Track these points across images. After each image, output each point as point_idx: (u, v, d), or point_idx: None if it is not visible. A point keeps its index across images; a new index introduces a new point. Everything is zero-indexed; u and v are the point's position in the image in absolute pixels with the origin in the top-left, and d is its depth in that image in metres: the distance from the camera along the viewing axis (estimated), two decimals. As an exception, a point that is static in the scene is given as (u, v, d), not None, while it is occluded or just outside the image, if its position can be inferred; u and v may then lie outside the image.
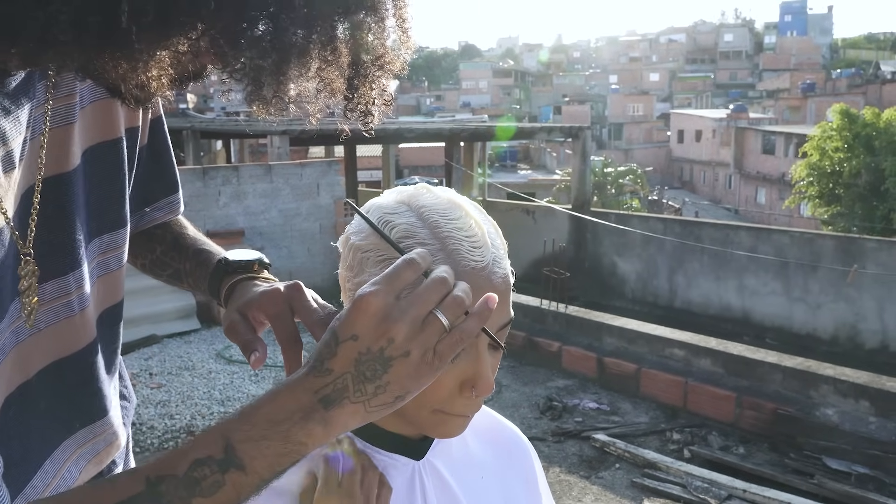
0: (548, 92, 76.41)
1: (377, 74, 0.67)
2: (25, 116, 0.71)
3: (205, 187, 8.18)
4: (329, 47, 0.60)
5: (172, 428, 5.08)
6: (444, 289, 0.65)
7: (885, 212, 16.72)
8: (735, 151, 36.88)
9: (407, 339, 0.61)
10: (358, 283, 0.79)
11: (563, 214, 13.43)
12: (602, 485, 4.31)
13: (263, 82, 0.59)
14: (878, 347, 10.52)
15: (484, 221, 0.79)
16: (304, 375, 0.62)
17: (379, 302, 0.62)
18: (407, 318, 0.62)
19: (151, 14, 0.50)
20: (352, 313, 0.62)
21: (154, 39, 0.53)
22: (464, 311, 0.65)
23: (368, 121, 0.70)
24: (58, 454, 0.83)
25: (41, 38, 0.50)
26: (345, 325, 0.62)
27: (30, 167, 0.75)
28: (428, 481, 0.85)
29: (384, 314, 0.61)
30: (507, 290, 0.77)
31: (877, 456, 4.29)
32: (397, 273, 0.64)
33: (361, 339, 0.61)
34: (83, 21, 0.49)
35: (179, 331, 7.38)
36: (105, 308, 0.90)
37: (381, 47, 0.65)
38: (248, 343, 0.89)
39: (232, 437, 0.61)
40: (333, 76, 0.63)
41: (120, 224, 0.91)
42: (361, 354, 0.61)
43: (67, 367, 0.83)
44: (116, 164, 0.89)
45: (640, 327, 5.86)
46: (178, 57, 0.57)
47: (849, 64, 75.85)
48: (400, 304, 0.62)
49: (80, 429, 0.87)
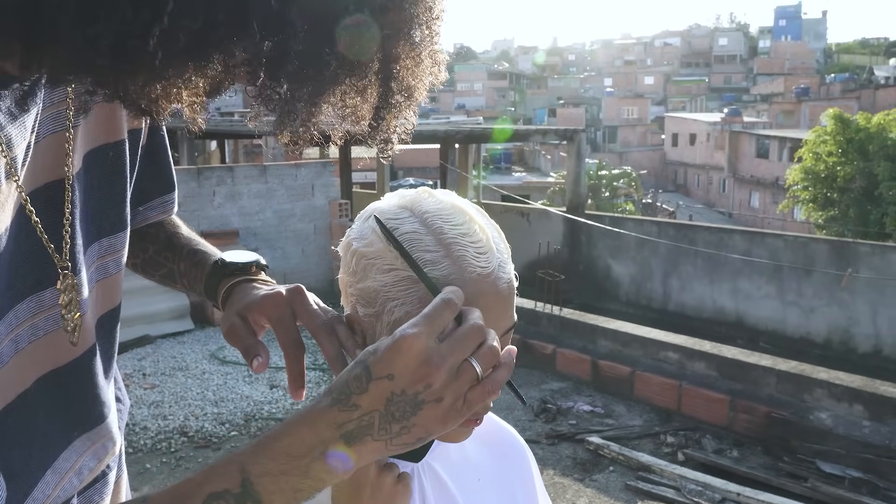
0: (542, 94, 76.48)
1: (404, 105, 0.66)
2: (31, 121, 0.70)
3: (199, 187, 8.16)
4: (361, 79, 0.60)
5: (166, 429, 5.06)
6: (481, 337, 0.64)
7: (878, 216, 16.77)
8: (729, 155, 36.97)
9: (443, 386, 0.61)
10: (361, 288, 0.78)
11: (557, 217, 13.44)
12: (596, 487, 4.31)
13: (297, 113, 0.59)
14: (871, 352, 10.54)
15: (488, 226, 0.78)
16: (328, 408, 0.61)
17: (421, 345, 0.61)
18: (447, 365, 0.61)
19: (184, 41, 0.49)
20: (391, 352, 0.61)
21: (189, 65, 0.52)
22: (496, 361, 0.65)
23: (387, 149, 0.70)
24: (59, 464, 0.81)
25: (76, 59, 0.49)
26: (381, 363, 0.61)
27: (34, 172, 0.73)
28: (426, 483, 0.85)
29: (425, 358, 0.61)
30: (512, 295, 0.77)
31: (870, 460, 4.30)
32: (437, 314, 0.64)
33: (397, 380, 0.60)
34: (122, 46, 0.48)
35: (173, 331, 7.36)
36: (103, 313, 0.88)
37: (413, 78, 0.64)
38: (250, 347, 0.88)
39: (250, 470, 0.60)
40: (361, 105, 0.63)
41: (120, 227, 0.89)
42: (395, 395, 0.60)
43: (66, 374, 0.81)
44: (118, 166, 0.87)
45: (634, 330, 5.87)
46: (211, 81, 0.56)
47: (843, 69, 76.07)
48: (440, 350, 0.62)
49: (80, 436, 0.85)
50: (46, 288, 0.76)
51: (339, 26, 0.55)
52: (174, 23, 0.48)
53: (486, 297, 0.73)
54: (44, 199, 0.75)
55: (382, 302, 0.76)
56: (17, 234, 0.72)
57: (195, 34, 0.50)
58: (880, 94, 40.89)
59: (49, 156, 0.75)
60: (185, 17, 0.48)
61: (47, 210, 0.76)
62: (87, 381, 0.85)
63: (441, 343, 0.62)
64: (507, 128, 16.66)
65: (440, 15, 0.62)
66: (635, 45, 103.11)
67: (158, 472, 4.47)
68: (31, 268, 0.74)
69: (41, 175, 0.74)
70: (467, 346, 0.63)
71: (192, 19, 0.49)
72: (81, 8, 0.46)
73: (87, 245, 0.83)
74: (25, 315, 0.74)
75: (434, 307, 0.64)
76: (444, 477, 0.87)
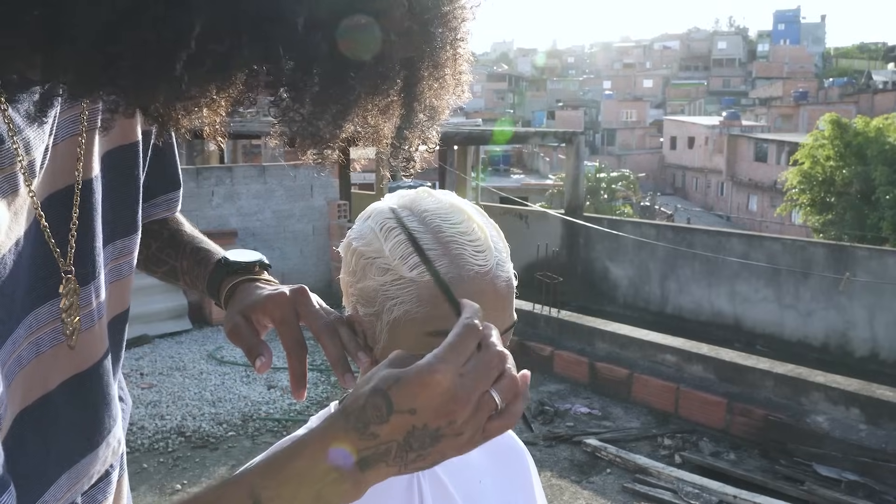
0: (541, 97, 76.53)
1: (427, 125, 0.66)
2: (49, 124, 0.70)
3: (198, 187, 8.16)
4: (385, 99, 0.59)
5: (163, 428, 5.06)
6: (503, 365, 0.62)
7: (875, 220, 16.77)
8: (727, 158, 37.01)
9: (465, 422, 0.60)
10: (361, 288, 0.78)
11: (555, 219, 13.44)
12: (593, 489, 4.31)
13: (320, 135, 0.58)
14: (868, 355, 10.55)
15: (486, 225, 0.79)
16: (345, 433, 0.60)
17: (447, 382, 0.59)
18: (471, 401, 0.60)
19: (209, 63, 0.49)
20: (417, 388, 0.59)
21: (212, 86, 0.52)
22: (518, 392, 0.63)
23: (410, 167, 0.70)
24: (77, 468, 0.81)
25: (96, 77, 0.49)
26: (404, 396, 0.59)
27: (52, 175, 0.73)
28: (426, 484, 0.85)
29: (452, 395, 0.59)
30: (510, 294, 0.77)
31: (867, 463, 4.31)
32: (462, 344, 0.61)
33: (419, 415, 0.59)
34: (142, 66, 0.48)
35: (171, 331, 7.36)
36: (115, 315, 0.88)
37: (436, 98, 0.64)
38: (253, 347, 0.88)
39: (261, 494, 0.59)
40: (384, 124, 0.62)
41: (133, 229, 0.90)
42: (416, 429, 0.59)
43: (87, 378, 0.81)
44: (132, 167, 0.88)
45: (632, 333, 5.87)
46: (233, 101, 0.56)
47: (841, 73, 76.19)
48: (465, 384, 0.60)
49: (101, 442, 0.85)
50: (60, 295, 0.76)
51: (364, 51, 0.54)
52: (200, 46, 0.47)
53: (485, 296, 0.74)
54: (63, 202, 0.75)
55: (382, 301, 0.77)
56: (36, 238, 0.71)
57: (220, 56, 0.49)
58: (878, 98, 40.95)
59: (68, 158, 0.75)
60: (210, 40, 0.48)
61: (65, 213, 0.76)
62: (104, 384, 0.85)
63: (465, 377, 0.60)
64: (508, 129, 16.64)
65: (465, 36, 0.62)
66: (634, 48, 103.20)
67: (156, 472, 4.47)
68: (51, 272, 0.74)
69: (60, 178, 0.75)
70: (491, 377, 0.61)
71: (218, 42, 0.48)
72: (103, 27, 0.46)
73: (103, 247, 0.83)
74: (47, 318, 0.74)
75: (458, 336, 0.62)
76: (444, 478, 0.87)
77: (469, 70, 0.66)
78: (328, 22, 0.52)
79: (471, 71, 0.67)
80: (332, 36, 0.52)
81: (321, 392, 5.78)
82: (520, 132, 17.99)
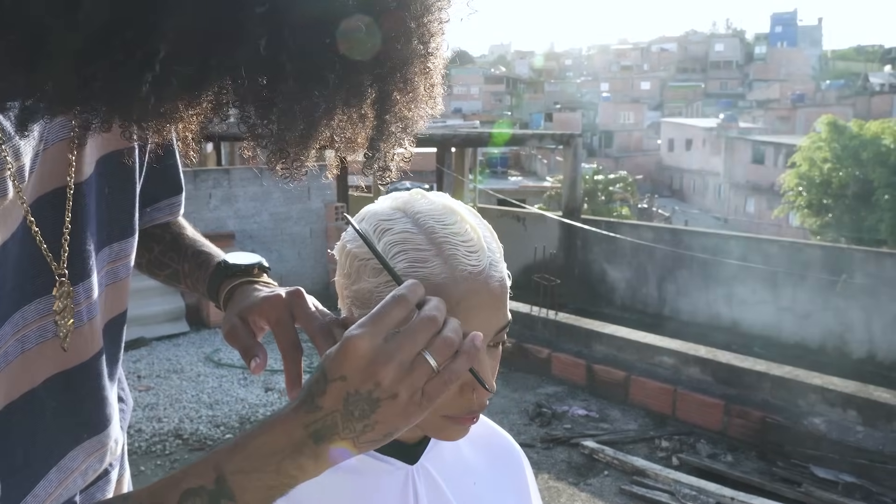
0: (539, 99, 76.56)
1: (400, 136, 0.67)
2: (39, 129, 0.71)
3: (195, 189, 8.15)
4: (357, 112, 0.60)
5: (160, 431, 5.05)
6: (433, 328, 0.63)
7: (873, 222, 16.82)
8: (725, 160, 37.04)
9: (394, 382, 0.61)
10: (356, 290, 0.79)
11: (553, 221, 13.45)
12: (591, 492, 4.31)
13: (288, 152, 0.60)
14: (865, 357, 10.57)
15: (479, 226, 0.79)
16: (296, 409, 0.63)
17: (365, 345, 0.61)
18: (394, 363, 0.61)
19: (175, 85, 0.51)
20: (340, 354, 0.62)
21: (181, 105, 0.54)
22: (453, 351, 0.64)
23: (385, 176, 0.71)
24: (65, 463, 0.83)
25: (72, 97, 0.51)
26: (334, 365, 0.62)
27: (41, 178, 0.74)
28: (421, 486, 0.85)
29: (371, 358, 0.61)
30: (504, 294, 0.78)
31: (864, 465, 4.32)
32: (386, 312, 0.63)
33: (349, 381, 0.61)
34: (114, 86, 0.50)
35: (168, 333, 7.35)
36: (112, 317, 0.90)
37: (409, 110, 0.65)
38: (249, 348, 0.89)
39: (224, 468, 0.62)
40: (356, 134, 0.63)
41: (130, 232, 0.91)
42: (349, 395, 0.61)
43: (75, 376, 0.82)
44: (129, 171, 0.89)
45: (629, 335, 5.87)
46: (203, 118, 0.58)
47: (838, 75, 76.38)
48: (387, 348, 0.61)
49: (88, 439, 0.86)
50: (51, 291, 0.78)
51: (330, 66, 0.55)
52: (165, 68, 0.49)
53: (479, 296, 0.74)
54: (51, 205, 0.76)
55: (376, 302, 0.77)
56: (24, 238, 0.73)
57: (185, 77, 0.51)
58: (875, 100, 41.08)
59: (58, 162, 0.76)
60: (177, 62, 0.49)
61: (55, 215, 0.77)
62: (95, 384, 0.86)
63: (389, 340, 0.62)
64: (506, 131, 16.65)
65: (435, 52, 0.63)
66: (632, 51, 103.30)
67: (153, 475, 4.47)
68: (39, 271, 0.76)
69: (48, 181, 0.75)
70: (417, 340, 0.62)
71: (185, 64, 0.50)
72: (80, 49, 0.47)
73: (98, 250, 0.84)
74: (34, 316, 0.76)
75: (382, 305, 0.64)
76: (439, 480, 0.87)
77: (441, 83, 0.66)
78: (292, 42, 0.52)
79: (441, 92, 0.67)
80: (296, 55, 0.53)
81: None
82: (517, 134, 18.01)
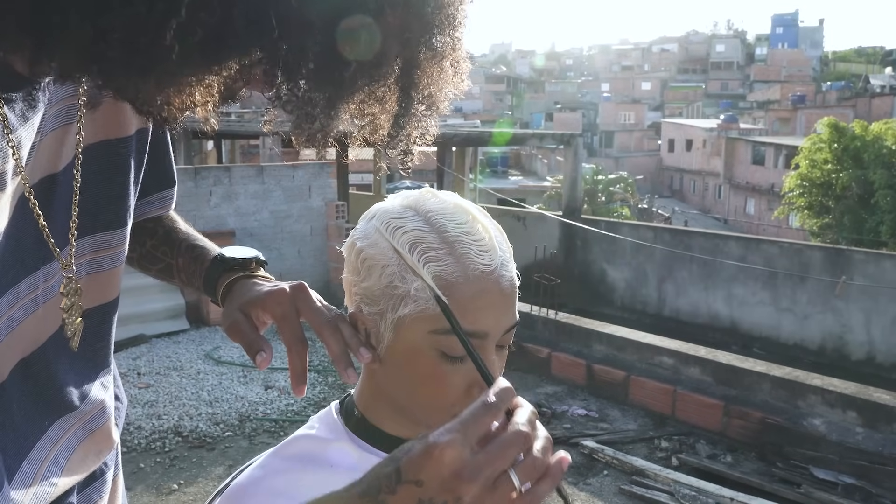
0: (540, 99, 76.52)
1: (425, 114, 0.65)
2: (38, 120, 0.70)
3: (196, 187, 8.15)
4: (384, 84, 0.59)
5: (160, 428, 5.05)
6: (524, 445, 0.58)
7: (873, 224, 16.81)
8: (725, 161, 37.04)
9: (475, 500, 0.56)
10: (365, 288, 0.79)
11: (553, 221, 13.46)
12: (590, 491, 4.31)
13: (314, 116, 0.57)
14: (864, 359, 10.58)
15: (490, 225, 0.79)
16: (357, 499, 0.59)
17: (453, 455, 0.55)
18: (480, 479, 0.55)
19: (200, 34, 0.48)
20: (422, 457, 0.56)
21: (205, 64, 0.51)
22: (540, 475, 0.59)
23: (407, 160, 0.69)
24: (35, 454, 0.80)
25: (87, 53, 0.48)
26: (411, 466, 0.56)
27: (32, 168, 0.73)
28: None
29: (456, 470, 0.55)
30: (514, 294, 0.78)
31: (863, 466, 4.31)
32: (475, 419, 0.58)
33: (426, 488, 0.56)
34: (134, 40, 0.47)
35: (168, 331, 7.35)
36: (92, 306, 0.87)
37: (434, 87, 0.63)
38: (253, 343, 0.87)
39: None
40: (380, 113, 0.62)
41: (117, 224, 0.89)
42: (422, 501, 0.56)
43: (33, 362, 0.79)
44: (118, 163, 0.87)
45: (629, 335, 5.87)
46: (227, 83, 0.55)
47: (839, 77, 76.31)
48: (475, 461, 0.56)
49: (51, 425, 0.83)
50: (21, 280, 0.75)
51: (358, 29, 0.53)
52: (191, 15, 0.47)
53: (490, 295, 0.75)
54: (39, 194, 0.75)
55: (386, 300, 0.77)
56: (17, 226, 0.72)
57: (212, 29, 0.48)
58: (876, 102, 41.06)
59: (48, 152, 0.75)
60: (202, 9, 0.47)
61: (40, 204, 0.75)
62: (52, 367, 0.83)
63: (478, 454, 0.56)
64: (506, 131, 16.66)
65: (462, 22, 0.61)
66: (633, 51, 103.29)
67: (152, 472, 4.46)
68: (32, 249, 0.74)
69: (37, 171, 0.74)
70: (507, 457, 0.57)
71: (210, 12, 0.48)
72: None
73: (78, 237, 0.82)
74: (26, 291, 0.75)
75: (472, 412, 0.58)
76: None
77: (467, 59, 0.65)
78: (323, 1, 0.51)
79: (469, 68, 0.66)
80: (326, 14, 0.52)
81: (318, 393, 5.77)
82: (518, 134, 18.02)
